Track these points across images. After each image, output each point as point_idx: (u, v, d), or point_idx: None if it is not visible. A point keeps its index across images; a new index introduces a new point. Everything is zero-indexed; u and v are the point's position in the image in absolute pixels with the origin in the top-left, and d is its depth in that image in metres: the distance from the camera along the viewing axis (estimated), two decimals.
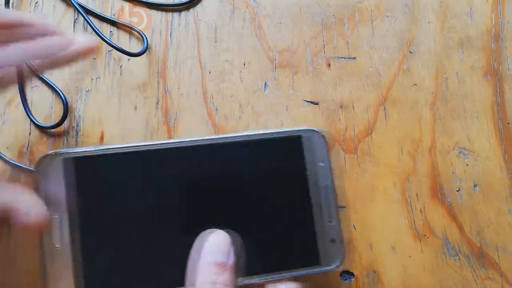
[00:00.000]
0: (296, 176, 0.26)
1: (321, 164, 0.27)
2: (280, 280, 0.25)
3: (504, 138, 0.32)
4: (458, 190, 0.31)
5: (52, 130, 0.31)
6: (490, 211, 0.31)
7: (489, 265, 0.30)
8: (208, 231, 0.24)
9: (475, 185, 0.31)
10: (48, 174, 0.24)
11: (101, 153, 0.25)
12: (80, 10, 0.33)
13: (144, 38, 0.32)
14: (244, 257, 0.24)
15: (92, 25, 0.32)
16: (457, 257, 0.30)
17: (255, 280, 0.25)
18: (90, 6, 0.34)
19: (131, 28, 0.33)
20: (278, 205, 0.26)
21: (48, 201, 0.23)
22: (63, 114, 0.31)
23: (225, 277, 0.22)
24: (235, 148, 0.26)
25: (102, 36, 0.32)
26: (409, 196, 0.31)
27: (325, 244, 0.26)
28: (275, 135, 0.27)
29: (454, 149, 0.32)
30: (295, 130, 0.27)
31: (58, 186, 0.24)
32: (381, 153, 0.31)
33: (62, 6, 0.34)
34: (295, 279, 0.25)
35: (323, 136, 0.27)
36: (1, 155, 0.29)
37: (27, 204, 0.22)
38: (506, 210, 0.31)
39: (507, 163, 0.31)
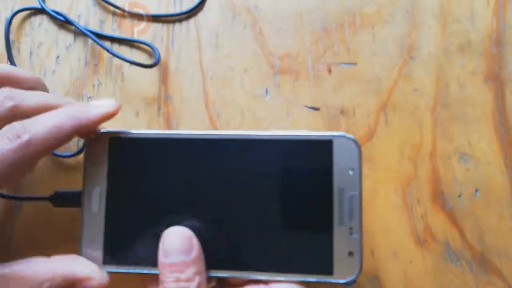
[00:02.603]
0: (322, 181, 0.26)
1: (351, 172, 0.26)
2: (287, 282, 0.25)
3: (505, 143, 0.32)
4: (459, 196, 0.31)
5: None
6: (491, 217, 0.31)
7: (491, 270, 0.30)
8: (169, 229, 0.25)
9: (476, 190, 0.31)
10: (95, 150, 0.27)
11: (142, 136, 0.27)
12: (86, 32, 0.33)
13: (155, 50, 0.32)
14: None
15: (96, 40, 0.32)
16: (458, 262, 0.30)
17: (263, 276, 0.26)
18: (91, 14, 0.34)
19: (141, 43, 0.33)
20: (299, 208, 0.26)
21: (92, 174, 0.27)
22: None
23: (188, 272, 0.23)
24: (264, 145, 0.26)
25: (112, 51, 0.32)
26: (410, 202, 0.31)
27: (342, 255, 0.25)
28: (305, 137, 0.26)
29: (455, 154, 0.32)
30: (327, 135, 0.26)
31: (102, 161, 0.27)
32: (381, 158, 0.32)
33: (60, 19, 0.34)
34: (302, 283, 0.25)
35: (356, 143, 0.26)
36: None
37: (88, 271, 0.24)
38: (508, 215, 0.31)
39: (508, 168, 0.31)
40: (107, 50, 0.32)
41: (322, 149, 0.26)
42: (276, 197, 0.26)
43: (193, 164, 0.27)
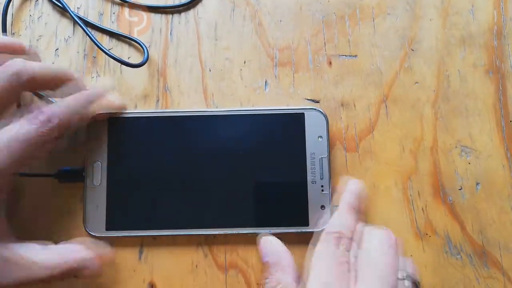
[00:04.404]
0: (297, 147, 0.30)
1: (320, 139, 0.30)
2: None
3: (507, 136, 0.31)
4: (460, 189, 0.31)
5: None
6: (492, 210, 0.31)
7: (491, 264, 0.30)
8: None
9: (477, 184, 0.31)
10: (95, 128, 0.30)
11: (136, 115, 0.31)
12: (79, 22, 0.32)
13: (145, 49, 0.32)
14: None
15: (91, 36, 0.32)
16: (459, 256, 0.30)
17: (249, 231, 0.29)
18: (90, 6, 0.34)
19: (131, 40, 0.33)
20: (279, 171, 0.30)
21: (93, 150, 0.30)
22: None
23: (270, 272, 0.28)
24: (247, 119, 0.30)
25: (102, 47, 0.31)
26: (410, 195, 0.31)
27: (315, 209, 0.29)
28: (282, 111, 0.31)
29: (456, 147, 0.31)
30: (299, 108, 0.31)
31: (102, 138, 0.30)
32: (382, 151, 0.31)
33: (59, 10, 0.33)
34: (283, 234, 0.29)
35: (324, 114, 0.30)
36: None
37: (89, 252, 0.27)
38: (509, 209, 0.31)
39: (509, 161, 0.31)
40: (98, 46, 0.32)
41: (296, 120, 0.30)
42: (259, 163, 0.30)
43: (182, 137, 0.30)
